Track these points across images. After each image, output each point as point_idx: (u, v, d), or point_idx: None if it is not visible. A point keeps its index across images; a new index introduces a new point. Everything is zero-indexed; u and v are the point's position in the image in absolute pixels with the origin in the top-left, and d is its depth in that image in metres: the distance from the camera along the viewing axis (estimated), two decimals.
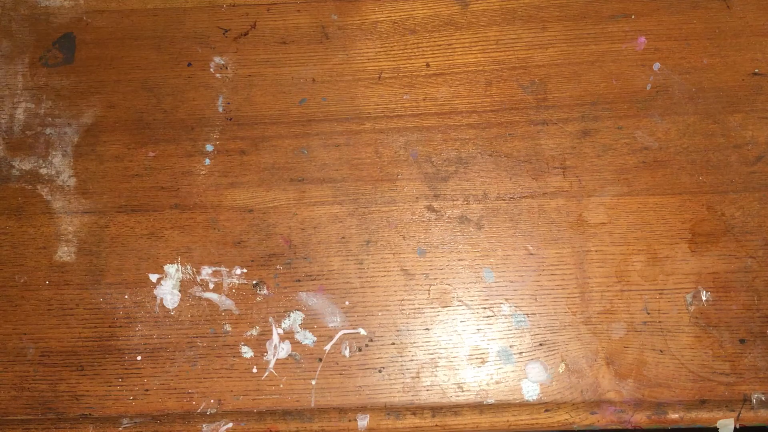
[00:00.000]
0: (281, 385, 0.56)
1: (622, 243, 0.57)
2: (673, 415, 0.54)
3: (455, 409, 0.55)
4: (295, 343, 0.57)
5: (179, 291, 0.58)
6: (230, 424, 0.55)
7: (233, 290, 0.58)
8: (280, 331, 0.57)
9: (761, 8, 0.60)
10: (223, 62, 0.63)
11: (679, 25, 0.61)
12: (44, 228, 0.60)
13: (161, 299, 0.58)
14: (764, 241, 0.57)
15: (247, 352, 0.56)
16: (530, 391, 0.55)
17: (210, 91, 0.62)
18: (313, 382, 0.56)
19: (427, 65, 0.62)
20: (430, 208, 0.59)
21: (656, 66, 0.60)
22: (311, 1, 0.64)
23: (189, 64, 0.63)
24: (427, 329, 0.57)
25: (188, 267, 0.58)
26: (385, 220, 0.59)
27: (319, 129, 0.61)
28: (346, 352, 0.56)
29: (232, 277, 0.58)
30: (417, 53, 0.62)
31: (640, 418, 0.54)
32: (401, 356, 0.56)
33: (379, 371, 0.56)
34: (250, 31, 0.64)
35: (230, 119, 0.61)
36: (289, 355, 0.56)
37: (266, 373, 0.56)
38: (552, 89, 0.60)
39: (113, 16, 0.64)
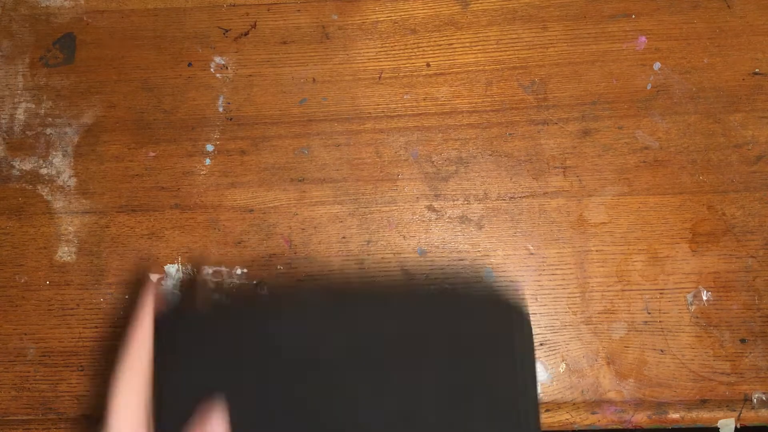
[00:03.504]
0: None
1: (623, 243, 0.57)
2: (674, 415, 0.54)
3: None
4: None
5: (180, 291, 0.58)
6: None
7: (234, 290, 0.58)
8: None
9: (762, 8, 0.60)
10: (223, 62, 0.63)
11: (679, 25, 0.61)
12: (45, 228, 0.60)
13: None
14: (765, 241, 0.57)
15: None
16: None
17: (210, 91, 0.62)
18: None
19: (428, 65, 0.62)
20: (430, 208, 0.59)
21: (656, 66, 0.60)
22: (311, 1, 0.64)
23: (189, 64, 0.63)
24: None
25: (189, 267, 0.58)
26: (386, 220, 0.59)
27: (319, 129, 0.61)
28: None
29: (233, 277, 0.58)
30: (417, 53, 0.62)
31: (641, 417, 0.54)
32: None
33: None
34: (251, 31, 0.64)
35: (231, 119, 0.61)
36: None
37: None
38: (552, 89, 0.60)
39: (113, 16, 0.64)
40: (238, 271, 0.58)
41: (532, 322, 0.55)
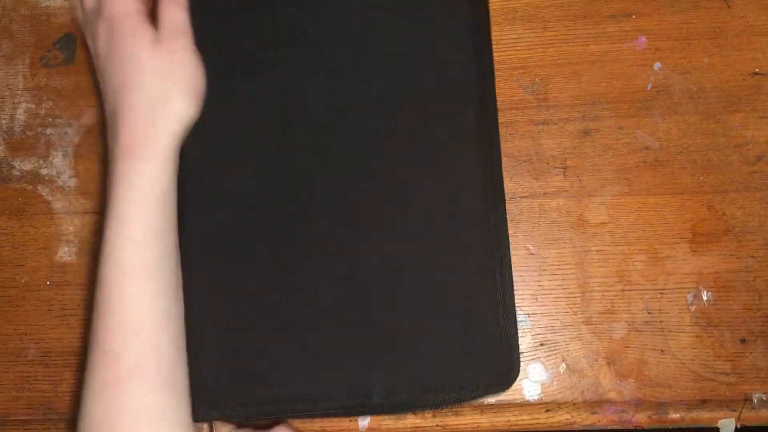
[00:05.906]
0: None
1: (623, 243, 0.57)
2: (674, 415, 0.54)
3: (456, 409, 0.55)
4: None
5: None
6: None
7: None
8: None
9: (762, 8, 0.60)
10: None
11: (679, 25, 0.61)
12: (45, 228, 0.60)
13: None
14: (765, 241, 0.57)
15: None
16: (531, 391, 0.55)
17: None
18: None
19: None
20: None
21: (657, 66, 0.60)
22: None
23: None
24: None
25: None
26: None
27: None
28: None
29: None
30: None
31: (641, 417, 0.54)
32: None
33: None
34: None
35: None
36: None
37: None
38: (552, 89, 0.60)
39: None
40: None
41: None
